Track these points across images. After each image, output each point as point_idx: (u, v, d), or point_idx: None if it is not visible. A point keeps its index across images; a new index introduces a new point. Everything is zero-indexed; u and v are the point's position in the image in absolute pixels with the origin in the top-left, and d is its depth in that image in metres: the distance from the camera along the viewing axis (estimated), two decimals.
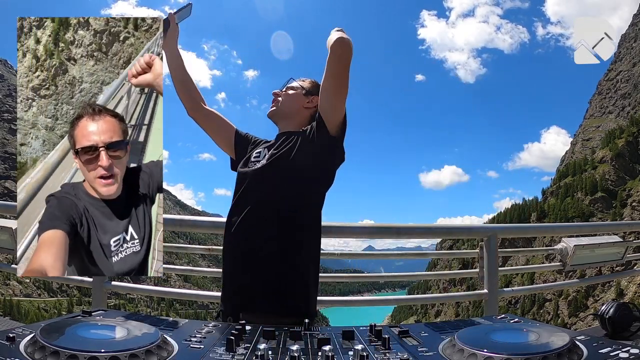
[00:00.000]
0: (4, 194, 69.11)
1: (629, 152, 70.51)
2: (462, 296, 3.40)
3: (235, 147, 1.40)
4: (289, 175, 1.22)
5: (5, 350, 0.58)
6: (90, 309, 0.87)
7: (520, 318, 0.87)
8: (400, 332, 0.79)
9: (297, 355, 0.61)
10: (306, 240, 1.24)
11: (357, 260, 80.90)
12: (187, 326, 0.83)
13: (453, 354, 0.65)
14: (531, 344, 0.67)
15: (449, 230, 3.21)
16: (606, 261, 3.41)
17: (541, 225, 18.41)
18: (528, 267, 6.28)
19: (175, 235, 40.05)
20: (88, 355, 0.55)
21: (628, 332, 1.28)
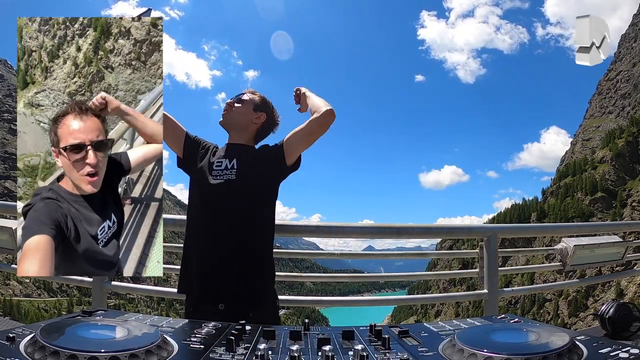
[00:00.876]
0: (4, 194, 69.11)
1: (629, 152, 70.51)
2: (462, 296, 3.40)
3: (185, 148, 1.51)
4: (256, 191, 1.44)
5: (5, 350, 0.58)
6: (90, 309, 0.87)
7: (520, 318, 0.87)
8: (400, 332, 0.79)
9: (297, 355, 0.61)
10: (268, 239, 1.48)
11: (357, 260, 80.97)
12: (187, 326, 0.83)
13: (453, 354, 0.65)
14: (531, 344, 0.67)
15: (449, 230, 3.20)
16: (606, 261, 3.41)
17: (541, 225, 18.42)
18: (528, 267, 6.28)
19: (175, 235, 40.01)
20: (88, 355, 0.55)
21: (628, 332, 1.28)
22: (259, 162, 1.47)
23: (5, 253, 2.68)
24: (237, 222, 1.39)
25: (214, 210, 1.40)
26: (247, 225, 1.40)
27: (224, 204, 1.39)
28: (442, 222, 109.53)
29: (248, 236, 1.40)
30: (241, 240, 1.38)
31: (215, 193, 1.41)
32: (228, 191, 1.40)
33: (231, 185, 1.40)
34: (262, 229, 1.46)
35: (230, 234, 1.38)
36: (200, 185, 1.45)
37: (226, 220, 1.38)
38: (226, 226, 1.38)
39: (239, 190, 1.40)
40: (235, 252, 1.38)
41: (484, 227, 3.53)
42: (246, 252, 1.39)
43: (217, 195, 1.40)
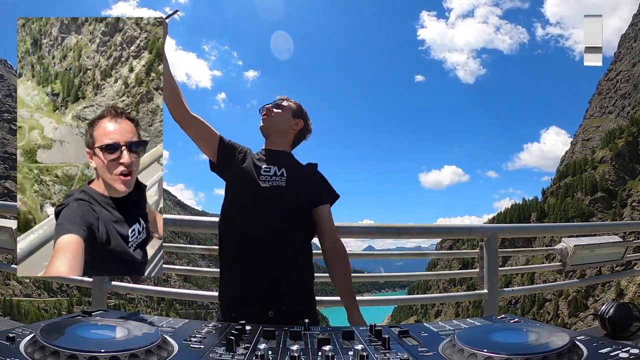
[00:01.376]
0: (4, 194, 69.10)
1: (629, 152, 70.50)
2: (462, 296, 3.40)
3: (219, 152, 1.51)
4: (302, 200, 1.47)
5: (5, 350, 0.58)
6: (90, 309, 0.87)
7: (520, 318, 0.87)
8: (400, 332, 0.79)
9: (297, 355, 0.61)
10: (308, 245, 1.50)
11: (357, 260, 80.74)
12: (187, 326, 0.83)
13: (453, 354, 0.65)
14: (531, 344, 0.67)
15: (449, 230, 3.19)
16: (606, 261, 3.41)
17: (541, 225, 18.40)
18: (528, 267, 6.26)
19: (175, 235, 40.05)
20: (88, 355, 0.55)
21: (628, 332, 1.28)
22: (305, 177, 1.51)
23: (5, 253, 2.68)
24: (281, 226, 1.41)
25: (261, 214, 1.41)
26: (289, 230, 1.43)
27: (273, 208, 1.41)
28: (442, 222, 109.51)
29: (291, 241, 1.43)
30: (285, 244, 1.41)
31: (265, 197, 1.42)
32: (278, 197, 1.43)
33: (281, 191, 1.43)
34: (303, 235, 1.48)
35: (273, 238, 1.39)
36: (246, 188, 1.45)
37: (270, 225, 1.40)
38: (268, 229, 1.39)
39: (287, 197, 1.43)
40: (280, 257, 1.39)
41: (484, 227, 3.52)
42: (290, 256, 1.42)
43: (267, 200, 1.42)
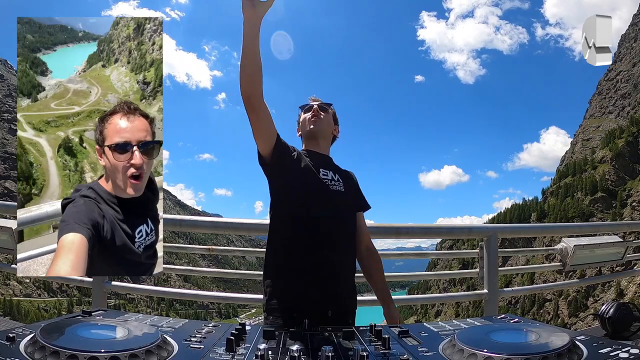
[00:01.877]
0: (4, 194, 69.08)
1: (629, 152, 70.47)
2: (462, 296, 3.39)
3: (276, 149, 1.40)
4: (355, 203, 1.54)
5: (5, 350, 0.58)
6: (90, 309, 0.87)
7: (520, 318, 0.87)
8: (400, 332, 0.79)
9: (297, 355, 0.61)
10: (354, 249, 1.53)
11: None
12: (187, 326, 0.83)
13: (453, 354, 0.65)
14: (531, 344, 0.67)
15: (449, 230, 3.19)
16: (606, 261, 3.41)
17: (541, 225, 18.40)
18: (528, 267, 6.24)
19: (175, 235, 39.96)
20: (88, 355, 0.55)
21: (628, 332, 1.28)
22: (351, 183, 1.55)
23: (5, 253, 2.67)
24: (344, 229, 1.45)
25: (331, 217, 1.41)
26: (350, 233, 1.48)
27: (340, 212, 1.44)
28: (442, 222, 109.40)
29: (352, 243, 1.48)
30: (348, 247, 1.46)
31: (334, 201, 1.43)
32: (342, 201, 1.45)
33: (342, 195, 1.46)
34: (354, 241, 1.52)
35: (342, 241, 1.42)
36: (314, 192, 1.42)
37: (339, 227, 1.42)
38: (337, 231, 1.41)
39: (346, 201, 1.47)
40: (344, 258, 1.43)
41: (484, 227, 3.52)
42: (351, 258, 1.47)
43: (334, 203, 1.43)
